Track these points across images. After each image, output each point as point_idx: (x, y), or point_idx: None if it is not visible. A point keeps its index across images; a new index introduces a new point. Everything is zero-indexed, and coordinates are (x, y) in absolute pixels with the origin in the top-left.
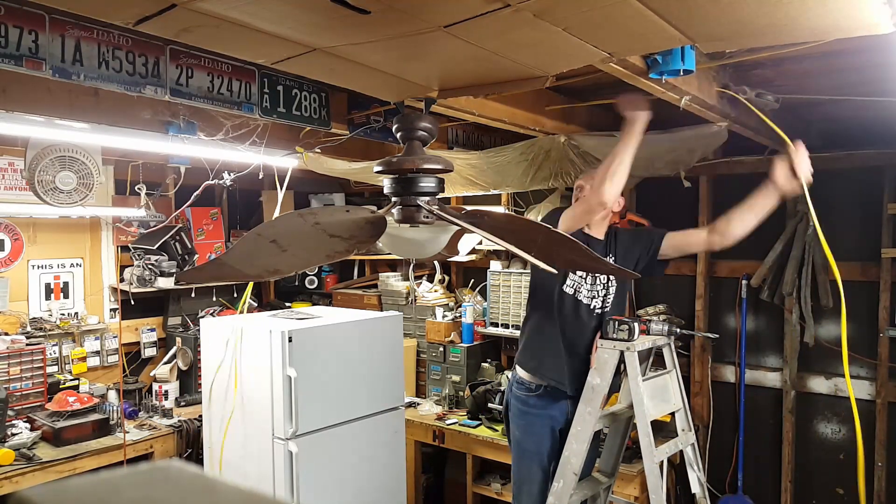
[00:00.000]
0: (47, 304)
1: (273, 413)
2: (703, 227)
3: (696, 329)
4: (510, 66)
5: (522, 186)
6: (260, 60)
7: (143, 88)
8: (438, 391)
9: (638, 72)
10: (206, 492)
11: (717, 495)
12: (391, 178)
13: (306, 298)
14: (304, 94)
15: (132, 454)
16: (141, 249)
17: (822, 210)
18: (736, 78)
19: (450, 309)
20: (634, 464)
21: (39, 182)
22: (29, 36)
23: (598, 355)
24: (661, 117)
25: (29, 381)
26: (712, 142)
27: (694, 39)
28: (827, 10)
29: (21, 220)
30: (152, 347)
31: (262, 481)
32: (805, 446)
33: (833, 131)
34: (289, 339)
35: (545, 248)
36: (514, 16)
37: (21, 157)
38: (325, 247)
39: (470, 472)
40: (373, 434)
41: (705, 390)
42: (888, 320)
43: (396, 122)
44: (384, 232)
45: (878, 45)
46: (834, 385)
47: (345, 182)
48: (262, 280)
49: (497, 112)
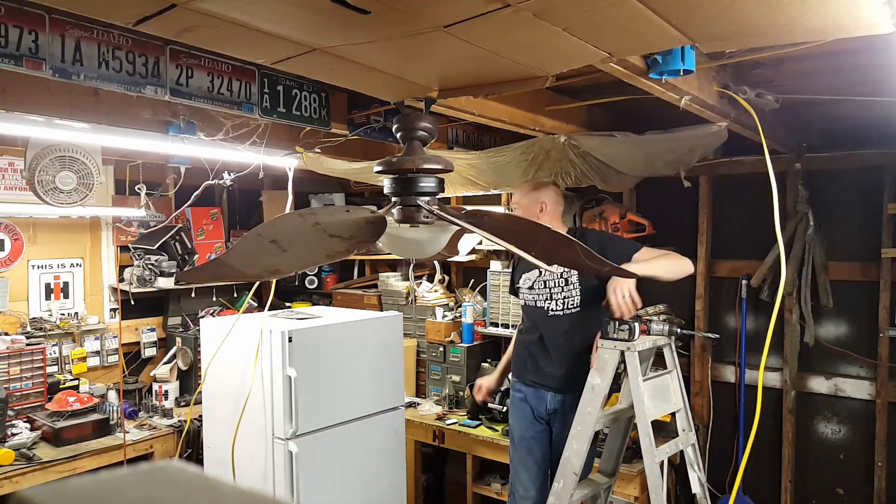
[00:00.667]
0: (47, 304)
1: (273, 413)
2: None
3: (696, 329)
4: (510, 66)
5: None
6: (260, 60)
7: (143, 88)
8: (438, 391)
9: (638, 72)
10: (206, 492)
11: (717, 495)
12: (391, 178)
13: (306, 298)
14: (304, 94)
15: (132, 454)
16: (141, 249)
17: (822, 210)
18: (736, 78)
19: (450, 309)
20: (634, 464)
21: (39, 182)
22: (29, 36)
23: (598, 355)
24: (661, 117)
25: (29, 381)
26: (712, 142)
27: (694, 39)
28: (827, 10)
29: (21, 220)
30: (152, 347)
31: (262, 481)
32: (805, 446)
33: (833, 131)
34: (289, 339)
35: (546, 248)
36: (514, 16)
37: (21, 157)
38: (325, 247)
39: (470, 473)
40: (373, 434)
41: (705, 390)
42: (888, 320)
43: (396, 122)
44: (384, 232)
45: (878, 45)
46: (834, 385)
47: (345, 182)
48: (261, 280)
49: (497, 112)
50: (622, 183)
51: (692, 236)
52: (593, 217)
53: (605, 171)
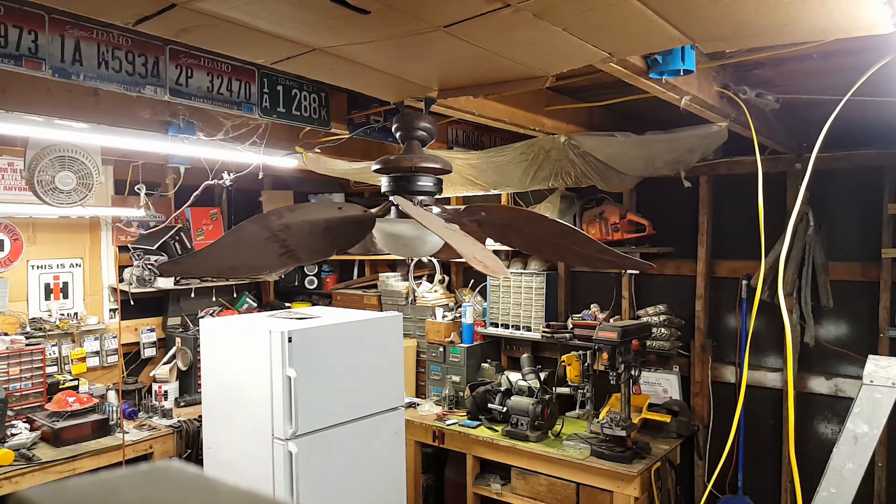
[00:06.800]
0: (47, 304)
1: (273, 413)
2: None
3: (696, 329)
4: (510, 66)
5: (522, 186)
6: (260, 60)
7: (143, 88)
8: (438, 391)
9: (638, 72)
10: (206, 492)
11: (717, 495)
12: (389, 178)
13: (306, 298)
14: (304, 94)
15: (132, 454)
16: (140, 249)
17: (822, 210)
18: (736, 78)
19: (450, 309)
20: (634, 464)
21: (39, 182)
22: (29, 36)
23: (867, 395)
24: (661, 117)
25: (28, 381)
26: (712, 142)
27: (694, 39)
28: (827, 10)
29: (21, 220)
30: (152, 348)
31: (262, 481)
32: (805, 446)
33: (833, 131)
34: (289, 339)
35: (552, 242)
36: (514, 16)
37: (21, 157)
38: (310, 246)
39: (470, 473)
40: (373, 434)
41: (705, 390)
42: (888, 320)
43: (396, 121)
44: (371, 230)
45: (878, 45)
46: (834, 385)
47: (344, 182)
48: (240, 276)
49: (497, 112)
50: (622, 183)
51: (692, 236)
52: (593, 217)
53: (605, 171)
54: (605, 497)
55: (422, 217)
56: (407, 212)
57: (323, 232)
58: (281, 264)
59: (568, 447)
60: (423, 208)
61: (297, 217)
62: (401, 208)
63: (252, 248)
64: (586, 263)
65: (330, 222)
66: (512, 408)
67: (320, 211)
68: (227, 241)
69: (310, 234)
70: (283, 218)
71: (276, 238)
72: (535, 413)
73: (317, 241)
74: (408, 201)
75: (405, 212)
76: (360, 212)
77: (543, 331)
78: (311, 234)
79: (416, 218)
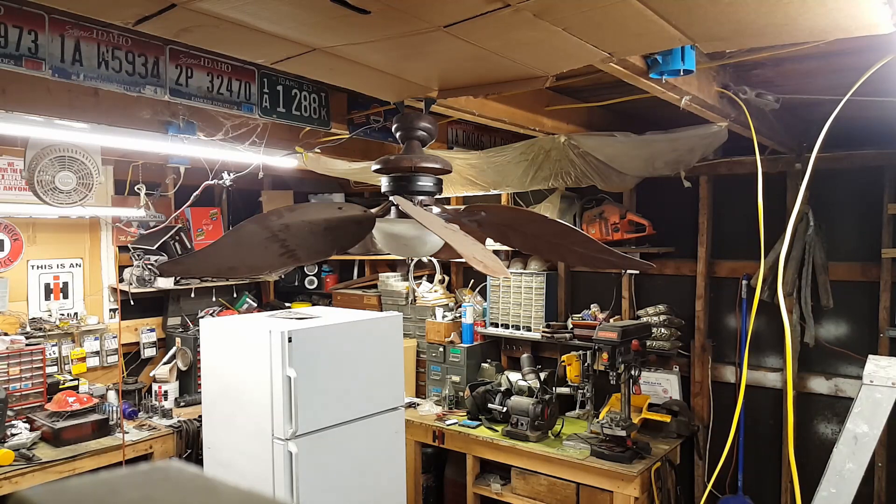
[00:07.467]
0: (47, 304)
1: (273, 413)
2: None
3: (696, 329)
4: (510, 66)
5: (522, 186)
6: (260, 60)
7: (143, 88)
8: (438, 391)
9: (638, 72)
10: (206, 492)
11: (717, 495)
12: (389, 178)
13: (306, 298)
14: (304, 94)
15: (132, 454)
16: (140, 249)
17: (822, 210)
18: (736, 78)
19: (450, 309)
20: (634, 464)
21: (39, 182)
22: (29, 36)
23: (866, 395)
24: (661, 117)
25: (28, 381)
26: (712, 142)
27: (694, 39)
28: (827, 10)
29: (21, 220)
30: (152, 348)
31: (262, 481)
32: (805, 446)
33: (833, 131)
34: (289, 339)
35: (552, 242)
36: (514, 16)
37: (21, 157)
38: (309, 246)
39: (470, 473)
40: (373, 434)
41: (705, 390)
42: (888, 320)
43: (396, 121)
44: (371, 230)
45: (878, 45)
46: (834, 385)
47: (344, 182)
48: (240, 276)
49: (497, 112)
50: (622, 183)
51: (692, 236)
52: (593, 217)
53: (605, 171)
54: (605, 497)
55: (422, 217)
56: (407, 212)
57: (323, 232)
58: (281, 264)
59: (568, 447)
60: (423, 208)
61: (297, 217)
62: (401, 208)
63: (252, 248)
64: (586, 263)
65: (330, 222)
66: (512, 408)
67: (320, 211)
68: (227, 241)
69: (310, 234)
70: (283, 218)
71: (276, 238)
72: (535, 413)
73: (317, 241)
74: (408, 201)
75: (405, 212)
76: (360, 212)
77: (543, 331)
78: (311, 234)
79: (416, 218)
